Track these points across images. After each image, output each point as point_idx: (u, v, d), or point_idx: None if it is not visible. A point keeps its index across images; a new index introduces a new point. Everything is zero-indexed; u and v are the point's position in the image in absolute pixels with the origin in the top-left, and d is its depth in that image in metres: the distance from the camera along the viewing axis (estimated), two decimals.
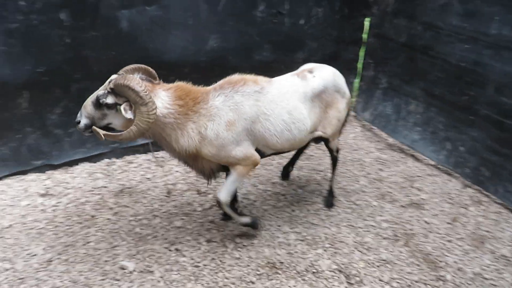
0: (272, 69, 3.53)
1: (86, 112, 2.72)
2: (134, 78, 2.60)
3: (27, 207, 3.58)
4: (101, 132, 2.62)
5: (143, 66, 2.88)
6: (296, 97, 3.10)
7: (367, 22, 5.27)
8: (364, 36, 5.34)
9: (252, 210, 3.74)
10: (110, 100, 2.65)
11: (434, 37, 4.44)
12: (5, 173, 3.86)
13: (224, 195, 3.08)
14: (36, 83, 3.68)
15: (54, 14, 3.53)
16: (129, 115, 2.62)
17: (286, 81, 3.17)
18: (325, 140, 3.50)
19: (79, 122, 2.75)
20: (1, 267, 3.00)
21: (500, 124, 3.94)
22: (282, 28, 4.70)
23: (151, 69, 2.91)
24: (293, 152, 3.96)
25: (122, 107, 2.61)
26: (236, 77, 3.00)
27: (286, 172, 4.18)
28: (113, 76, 2.71)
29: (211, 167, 3.08)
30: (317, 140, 3.48)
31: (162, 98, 2.75)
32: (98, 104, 2.67)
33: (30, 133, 3.84)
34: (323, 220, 3.69)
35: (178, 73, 3.47)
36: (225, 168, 3.13)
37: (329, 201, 3.87)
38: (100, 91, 2.69)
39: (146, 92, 2.56)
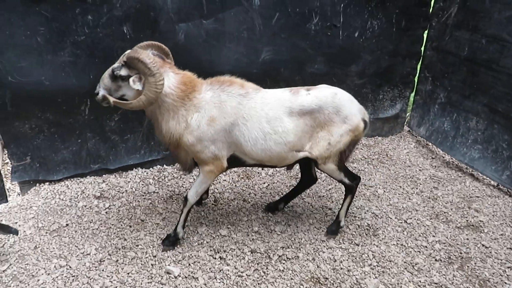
0: (324, 82, 3.48)
1: (103, 84, 2.97)
2: (144, 52, 2.82)
3: (83, 208, 3.79)
4: (111, 99, 2.90)
5: (156, 43, 3.08)
6: (280, 109, 3.03)
7: (425, 35, 5.08)
8: (421, 49, 5.16)
9: (297, 223, 3.70)
10: (123, 72, 2.88)
11: (499, 50, 4.19)
12: (65, 175, 4.12)
13: (191, 194, 3.25)
14: None
15: (118, 28, 3.75)
16: (137, 86, 2.83)
17: (274, 93, 3.14)
18: (315, 163, 3.25)
19: (97, 94, 3.00)
20: (57, 263, 3.18)
21: None
22: (336, 41, 4.66)
23: (164, 46, 3.11)
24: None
25: (131, 79, 2.82)
26: (225, 77, 3.13)
27: (274, 206, 3.82)
28: (128, 51, 2.92)
29: (187, 159, 3.21)
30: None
31: (169, 78, 2.94)
32: (113, 76, 2.91)
33: (90, 138, 4.08)
34: (371, 238, 3.56)
35: None
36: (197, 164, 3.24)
37: (332, 228, 3.57)
38: (116, 64, 2.93)
39: (154, 64, 2.76)
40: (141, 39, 3.82)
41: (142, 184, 4.15)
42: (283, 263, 3.26)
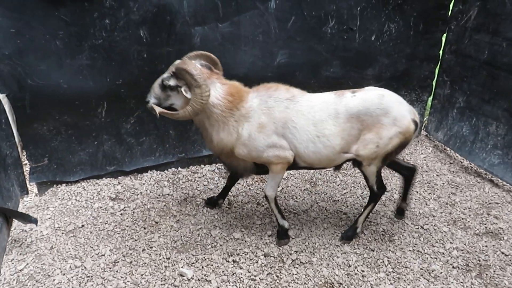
0: (340, 85, 3.47)
1: (154, 93, 3.08)
2: (191, 63, 2.91)
3: (98, 210, 3.83)
4: (158, 109, 2.96)
5: (205, 52, 3.15)
6: (325, 112, 3.03)
7: (443, 38, 5.00)
8: (439, 52, 5.08)
9: (311, 227, 3.66)
10: (172, 82, 2.97)
11: None
12: (82, 176, 4.17)
13: (269, 190, 3.31)
14: (114, 95, 3.96)
15: (134, 31, 3.79)
16: (189, 95, 2.90)
17: (319, 96, 3.14)
18: (359, 164, 3.21)
19: (148, 102, 3.09)
20: (72, 264, 3.21)
21: None
22: (352, 44, 4.62)
23: (213, 56, 3.18)
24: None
25: (182, 88, 2.91)
26: (271, 83, 3.19)
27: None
28: (177, 61, 3.00)
29: (246, 165, 3.30)
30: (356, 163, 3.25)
31: (216, 89, 3.00)
32: (163, 86, 3.01)
33: (106, 140, 4.13)
34: (387, 243, 3.51)
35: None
36: (258, 171, 3.36)
37: (348, 233, 3.52)
38: (165, 74, 3.02)
39: (200, 76, 2.83)
40: (157, 42, 3.88)
41: (157, 186, 4.18)
42: (297, 268, 3.23)
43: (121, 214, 3.78)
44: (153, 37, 3.86)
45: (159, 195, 4.05)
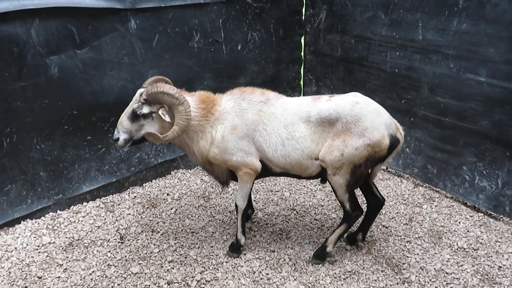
0: None
1: (123, 127, 2.98)
2: (165, 85, 2.89)
3: None
4: (158, 134, 2.92)
5: (161, 77, 3.20)
6: (298, 114, 3.03)
7: (302, 41, 5.41)
8: (301, 54, 5.47)
9: (211, 243, 3.62)
10: (145, 110, 2.94)
11: (367, 48, 4.61)
12: None
13: (239, 200, 3.33)
14: None
15: None
16: (167, 118, 2.91)
17: (295, 100, 3.17)
18: (325, 172, 3.06)
19: (117, 139, 2.99)
20: None
21: (439, 123, 4.11)
22: (221, 56, 4.72)
23: (167, 79, 3.22)
24: None
25: (160, 112, 2.91)
26: (247, 87, 3.25)
27: (353, 238, 3.56)
28: (141, 90, 2.99)
29: (222, 171, 3.30)
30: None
31: (189, 101, 3.00)
32: (135, 117, 2.95)
33: None
34: (286, 241, 3.64)
35: (119, 113, 3.34)
36: (235, 177, 3.31)
37: (318, 252, 3.38)
38: (134, 104, 2.96)
39: (180, 93, 2.88)
40: (6, 78, 3.47)
41: (34, 237, 3.70)
42: (203, 287, 3.16)
43: None
44: (0, 72, 3.44)
45: (38, 246, 3.60)
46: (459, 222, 3.82)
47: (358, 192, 3.61)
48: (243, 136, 3.07)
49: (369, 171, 3.18)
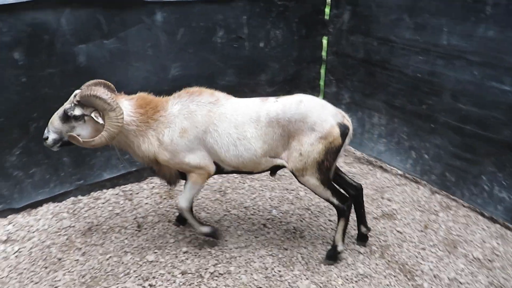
0: (236, 93, 3.51)
1: (53, 127, 2.89)
2: (99, 88, 2.83)
3: None
4: (80, 139, 2.83)
5: (102, 80, 3.09)
6: (248, 115, 3.07)
7: (325, 41, 5.40)
8: (323, 54, 5.47)
9: (226, 237, 3.67)
10: (77, 112, 2.84)
11: (389, 51, 4.59)
12: None
13: (182, 201, 3.27)
14: None
15: (7, 54, 3.44)
16: (101, 120, 2.82)
17: (244, 101, 3.19)
18: (295, 176, 3.17)
19: (47, 138, 2.91)
20: None
21: (459, 130, 4.07)
22: (243, 52, 4.76)
23: (109, 83, 3.12)
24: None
25: (93, 114, 2.82)
26: (194, 88, 3.17)
27: (360, 236, 3.61)
28: (77, 91, 2.88)
29: (171, 172, 3.27)
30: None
31: (125, 106, 2.97)
32: (66, 117, 2.86)
33: None
34: (299, 240, 3.67)
35: None
36: (184, 176, 3.29)
37: (330, 253, 3.40)
38: (67, 105, 2.87)
39: (113, 98, 2.80)
40: (37, 64, 3.57)
41: (55, 220, 3.82)
42: (216, 280, 3.21)
43: (15, 256, 3.39)
44: (30, 59, 3.54)
45: (58, 228, 3.71)
46: (476, 232, 3.79)
47: None
48: (194, 139, 3.04)
49: (335, 163, 3.23)
